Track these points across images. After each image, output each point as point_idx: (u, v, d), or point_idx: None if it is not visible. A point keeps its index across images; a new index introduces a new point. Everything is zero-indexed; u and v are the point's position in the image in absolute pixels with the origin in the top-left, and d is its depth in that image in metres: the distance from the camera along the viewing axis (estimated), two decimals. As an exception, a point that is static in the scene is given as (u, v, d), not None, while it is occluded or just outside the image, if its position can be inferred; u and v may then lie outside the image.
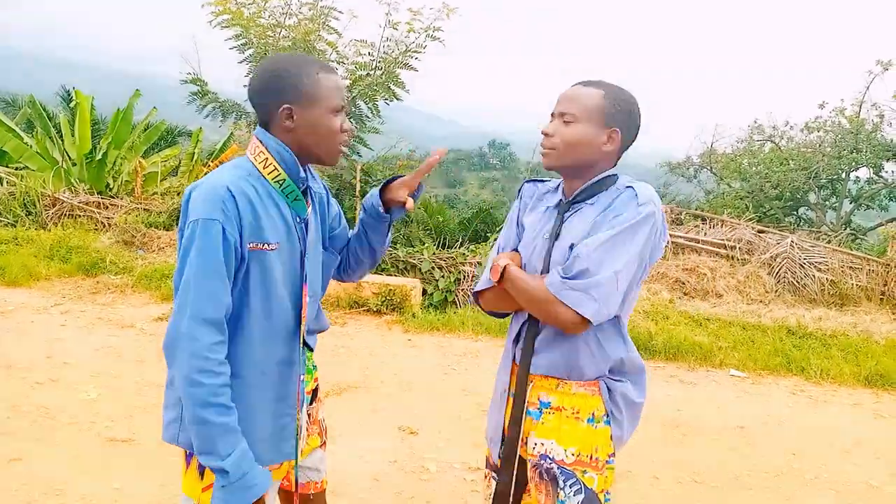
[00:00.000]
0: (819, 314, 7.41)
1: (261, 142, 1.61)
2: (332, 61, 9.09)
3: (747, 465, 3.83)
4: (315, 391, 1.92)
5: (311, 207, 1.72)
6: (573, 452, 1.68)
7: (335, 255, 1.91)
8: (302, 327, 1.69)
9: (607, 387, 1.71)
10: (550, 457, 1.70)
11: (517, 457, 1.76)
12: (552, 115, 1.72)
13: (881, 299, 8.35)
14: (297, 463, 1.75)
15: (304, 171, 1.66)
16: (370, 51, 9.03)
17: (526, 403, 1.75)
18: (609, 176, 1.71)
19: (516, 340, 1.81)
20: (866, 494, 3.55)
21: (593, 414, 1.69)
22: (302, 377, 1.71)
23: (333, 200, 1.91)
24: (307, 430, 1.84)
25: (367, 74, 9.00)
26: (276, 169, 1.60)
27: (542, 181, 1.92)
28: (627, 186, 1.68)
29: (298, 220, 1.66)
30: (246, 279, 1.56)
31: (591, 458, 1.69)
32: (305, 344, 1.73)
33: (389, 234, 1.93)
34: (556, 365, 1.71)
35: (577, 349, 1.68)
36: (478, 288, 1.83)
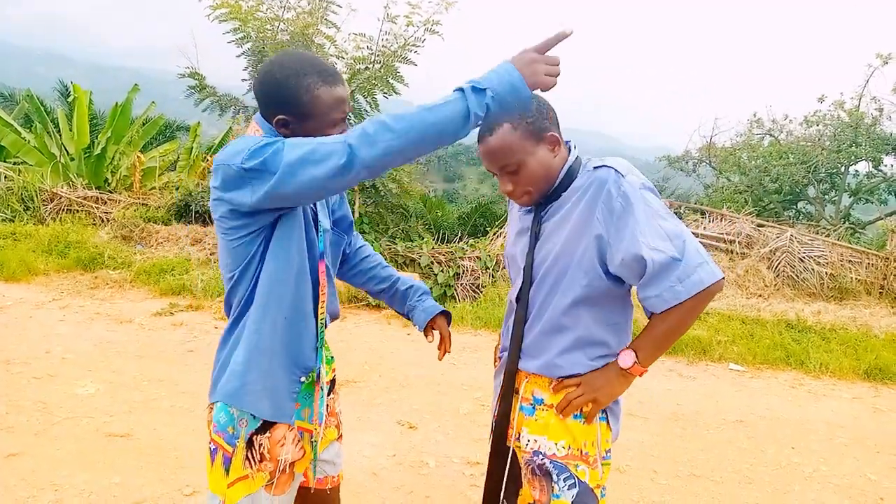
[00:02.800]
0: (818, 308, 7.41)
1: (261, 129, 1.62)
2: (331, 55, 9.05)
3: (746, 458, 3.83)
4: (332, 382, 1.92)
5: None
6: (563, 446, 1.68)
7: (344, 237, 1.94)
8: (319, 308, 1.71)
9: None
10: (543, 452, 1.69)
11: (510, 452, 1.76)
12: (493, 174, 1.68)
13: (880, 293, 8.36)
14: (315, 457, 1.75)
15: None
16: (369, 45, 9.00)
17: (519, 399, 1.75)
18: (571, 167, 1.68)
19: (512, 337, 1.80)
20: (865, 488, 3.55)
21: (581, 409, 1.68)
22: (316, 346, 1.71)
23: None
24: (325, 421, 1.83)
25: (366, 68, 8.96)
26: None
27: None
28: (600, 166, 1.63)
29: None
30: (276, 226, 1.58)
31: (581, 452, 1.68)
32: (318, 320, 1.74)
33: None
34: (548, 363, 1.70)
35: (563, 346, 1.68)
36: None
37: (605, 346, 1.69)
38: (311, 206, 1.69)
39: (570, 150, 1.72)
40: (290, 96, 1.55)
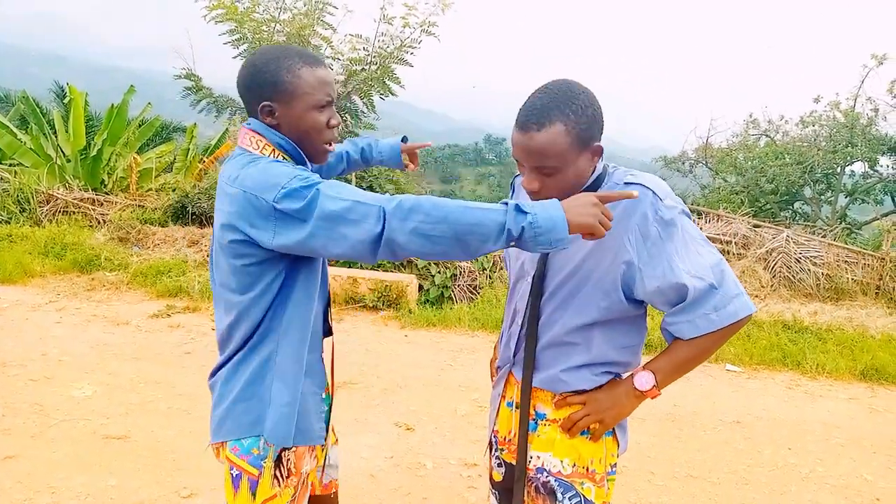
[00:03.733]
0: (814, 308, 7.43)
1: (260, 133, 1.55)
2: (328, 57, 9.06)
3: (743, 459, 3.84)
4: None
5: None
6: (569, 464, 1.62)
7: None
8: (330, 301, 1.72)
9: None
10: (547, 469, 1.63)
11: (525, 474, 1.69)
12: (521, 165, 1.53)
13: (876, 293, 8.38)
14: (324, 463, 1.74)
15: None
16: (365, 46, 9.01)
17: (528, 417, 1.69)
18: (599, 175, 1.57)
19: (515, 352, 1.74)
20: (861, 489, 3.56)
21: (589, 426, 1.62)
22: (322, 355, 1.70)
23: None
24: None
25: (362, 70, 8.97)
26: (285, 159, 1.55)
27: None
28: (634, 183, 1.52)
29: None
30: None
31: (587, 469, 1.62)
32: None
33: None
34: (552, 378, 1.65)
35: (570, 364, 1.62)
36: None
37: (615, 365, 1.64)
38: None
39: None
40: (271, 79, 1.50)
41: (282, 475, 1.58)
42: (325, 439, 1.70)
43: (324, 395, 1.69)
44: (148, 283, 7.26)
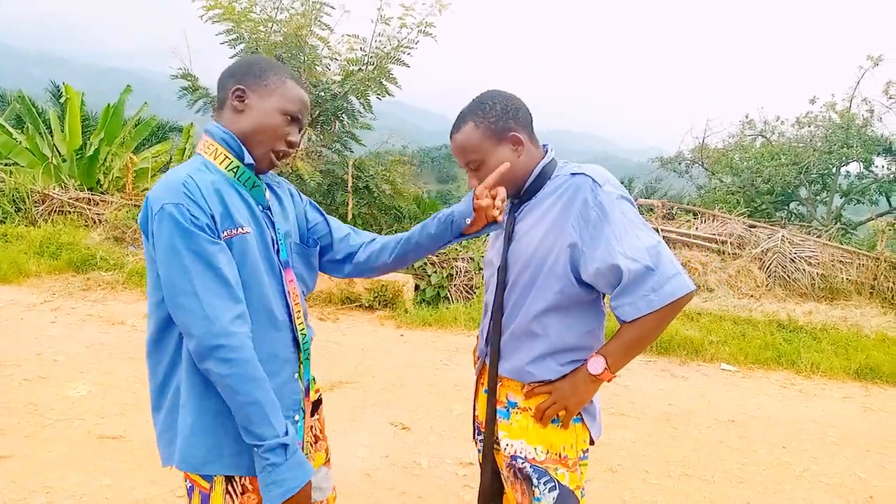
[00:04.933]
0: (809, 308, 7.46)
1: (209, 133, 1.56)
2: (324, 57, 9.06)
3: (738, 458, 3.85)
4: (316, 404, 1.81)
5: (269, 194, 1.64)
6: (542, 451, 1.69)
7: (314, 249, 1.78)
8: (295, 318, 1.61)
9: None
10: (522, 456, 1.70)
11: (492, 454, 1.80)
12: (463, 168, 1.75)
13: (871, 293, 8.41)
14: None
15: (250, 156, 1.56)
16: (362, 46, 9.01)
17: (496, 402, 1.77)
18: (545, 167, 1.70)
19: (487, 342, 1.81)
20: (855, 487, 3.57)
21: (558, 414, 1.68)
22: (296, 375, 1.62)
23: (306, 198, 1.85)
24: (312, 446, 1.75)
25: (359, 70, 8.97)
26: (226, 157, 1.53)
27: None
28: (576, 174, 1.64)
29: (261, 207, 1.58)
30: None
31: (560, 456, 1.69)
32: (301, 343, 1.64)
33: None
34: (518, 370, 1.71)
35: (534, 353, 1.69)
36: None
37: (577, 351, 1.69)
38: (266, 210, 1.60)
39: (546, 152, 1.74)
40: (257, 72, 1.54)
41: (235, 492, 1.54)
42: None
43: (296, 419, 1.61)
44: (144, 282, 7.25)
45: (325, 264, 1.85)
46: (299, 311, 1.63)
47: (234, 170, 1.53)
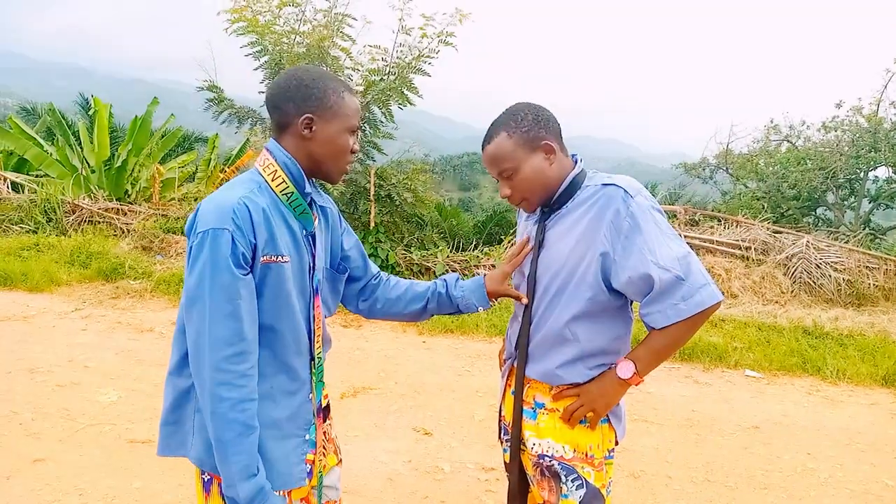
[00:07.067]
0: (835, 314, 7.36)
1: (270, 153, 1.61)
2: (347, 67, 9.15)
3: (762, 464, 3.83)
4: (326, 408, 1.85)
5: (317, 221, 1.70)
6: (570, 449, 1.74)
7: (342, 276, 1.86)
8: (315, 343, 1.68)
9: None
10: (549, 455, 1.75)
11: (519, 456, 1.83)
12: (496, 178, 1.79)
13: (899, 299, 8.27)
14: (319, 483, 1.71)
15: (310, 184, 1.66)
16: (384, 56, 9.09)
17: (522, 403, 1.82)
18: (576, 177, 1.73)
19: (516, 346, 1.86)
20: (882, 494, 3.53)
21: (585, 415, 1.73)
22: (311, 396, 1.69)
23: (346, 224, 1.91)
24: (324, 448, 1.78)
25: (381, 80, 9.06)
26: (284, 181, 1.58)
27: None
28: (608, 184, 1.68)
29: (305, 233, 1.64)
30: (259, 293, 1.53)
31: (586, 455, 1.74)
32: (316, 360, 1.71)
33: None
34: (548, 373, 1.76)
35: (565, 358, 1.73)
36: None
37: (606, 355, 1.74)
38: (309, 236, 1.66)
39: (575, 163, 1.78)
40: (318, 95, 1.57)
41: None
42: (314, 462, 1.69)
43: (307, 437, 1.67)
44: (171, 290, 7.38)
45: (346, 293, 1.95)
46: (319, 335, 1.70)
47: (288, 195, 1.59)
